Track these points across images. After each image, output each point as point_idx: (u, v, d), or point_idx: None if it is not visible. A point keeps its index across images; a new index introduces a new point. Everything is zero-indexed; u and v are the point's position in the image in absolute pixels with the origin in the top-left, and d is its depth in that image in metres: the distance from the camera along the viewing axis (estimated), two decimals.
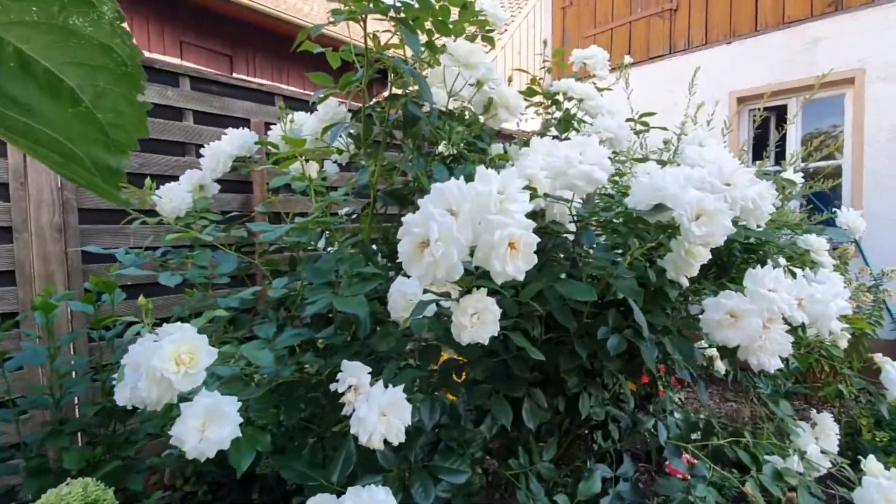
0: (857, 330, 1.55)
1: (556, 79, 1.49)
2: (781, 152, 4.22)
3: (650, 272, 1.09)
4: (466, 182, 0.75)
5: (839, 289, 1.10)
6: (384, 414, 0.81)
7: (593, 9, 5.66)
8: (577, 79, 1.49)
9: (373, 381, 0.93)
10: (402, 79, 1.24)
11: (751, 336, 0.97)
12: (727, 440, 1.38)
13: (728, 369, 1.68)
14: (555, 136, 1.49)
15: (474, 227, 0.71)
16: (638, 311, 1.00)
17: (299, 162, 1.24)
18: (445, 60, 1.18)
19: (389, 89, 1.29)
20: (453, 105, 1.37)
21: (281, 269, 1.46)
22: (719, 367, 1.68)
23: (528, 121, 1.60)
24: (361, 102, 1.24)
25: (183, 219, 1.30)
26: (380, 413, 0.80)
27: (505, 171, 0.76)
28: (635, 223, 1.08)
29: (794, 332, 1.08)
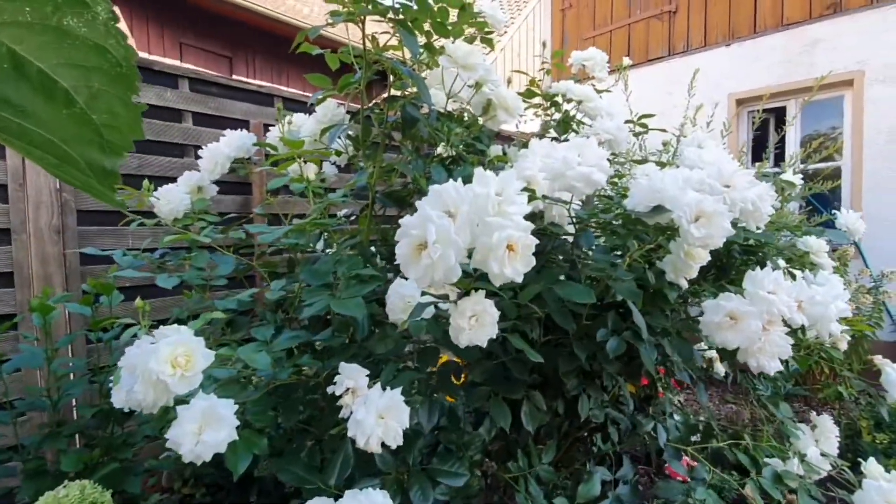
0: (856, 332, 1.55)
1: (556, 80, 1.49)
2: (781, 154, 4.22)
3: (649, 274, 1.09)
4: (465, 184, 0.75)
5: (839, 291, 1.09)
6: (382, 417, 0.81)
7: (592, 11, 5.67)
8: (576, 80, 1.49)
9: (371, 384, 0.92)
10: (400, 80, 1.24)
11: (750, 338, 0.97)
12: (727, 442, 1.38)
13: (727, 371, 1.68)
14: (554, 138, 1.49)
15: (472, 229, 0.71)
16: (637, 312, 1.00)
17: (297, 163, 1.23)
18: (444, 62, 1.18)
19: (388, 91, 1.29)
20: (452, 106, 1.37)
21: (279, 271, 1.45)
22: (719, 369, 1.68)
23: (527, 122, 1.60)
24: (360, 104, 1.24)
25: (181, 220, 1.30)
26: (377, 416, 0.80)
27: (503, 173, 0.76)
28: (634, 225, 1.08)
29: (793, 334, 1.08)
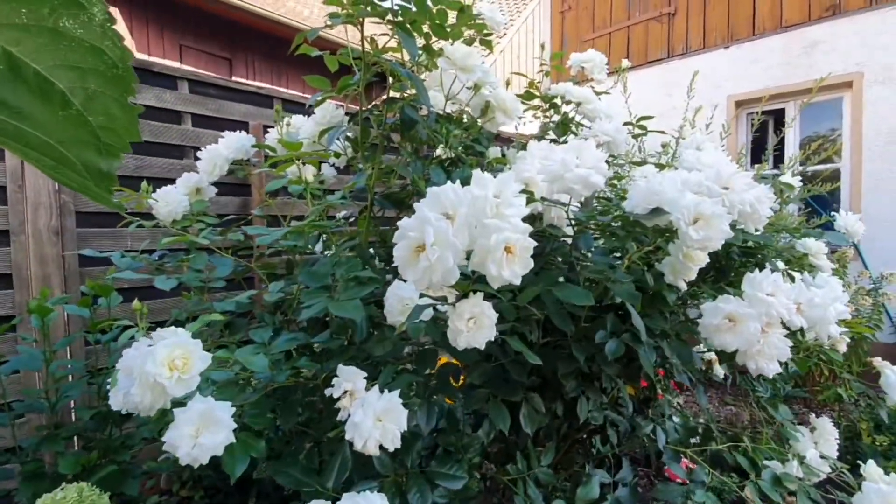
0: (856, 334, 1.55)
1: (555, 82, 1.49)
2: (780, 156, 4.23)
3: (648, 276, 1.09)
4: (463, 186, 0.75)
5: (838, 293, 1.09)
6: (380, 419, 0.80)
7: (592, 13, 5.68)
8: (575, 82, 1.49)
9: (369, 386, 0.92)
10: (399, 82, 1.24)
11: (749, 340, 0.97)
12: (726, 445, 1.37)
13: (727, 373, 1.67)
14: (553, 140, 1.49)
15: (470, 231, 0.71)
16: (636, 315, 1.00)
17: (296, 165, 1.23)
18: (442, 64, 1.18)
19: (387, 92, 1.29)
20: (451, 108, 1.37)
21: (278, 273, 1.45)
22: (718, 371, 1.68)
23: (526, 124, 1.60)
24: (359, 106, 1.24)
25: (179, 222, 1.30)
26: (375, 418, 0.80)
27: (501, 175, 0.76)
28: (633, 227, 1.08)
29: (792, 336, 1.08)
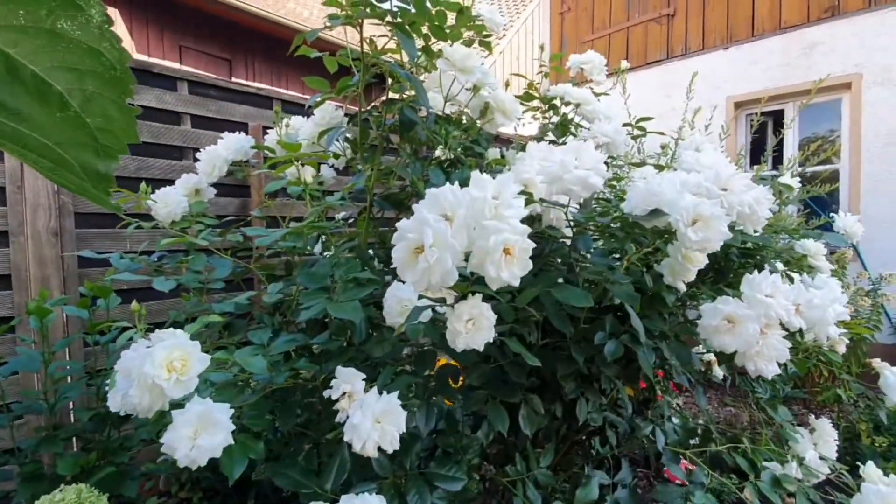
0: (855, 335, 1.55)
1: (554, 83, 1.49)
2: (779, 157, 4.23)
3: (647, 277, 1.09)
4: (462, 187, 0.75)
5: (837, 294, 1.09)
6: (378, 421, 0.80)
7: (591, 14, 5.69)
8: (575, 84, 1.49)
9: (368, 387, 0.92)
10: (398, 83, 1.24)
11: (748, 342, 0.97)
12: (725, 446, 1.37)
13: (726, 374, 1.67)
14: (552, 141, 1.49)
15: (469, 232, 0.71)
16: (635, 316, 1.00)
17: (295, 167, 1.23)
18: (441, 65, 1.18)
19: (386, 94, 1.29)
20: (450, 109, 1.37)
21: (277, 274, 1.45)
22: (717, 372, 1.68)
23: (525, 125, 1.60)
24: (358, 107, 1.24)
25: (178, 223, 1.30)
26: (374, 420, 0.80)
27: (500, 177, 0.76)
28: (632, 228, 1.08)
29: (791, 337, 1.08)
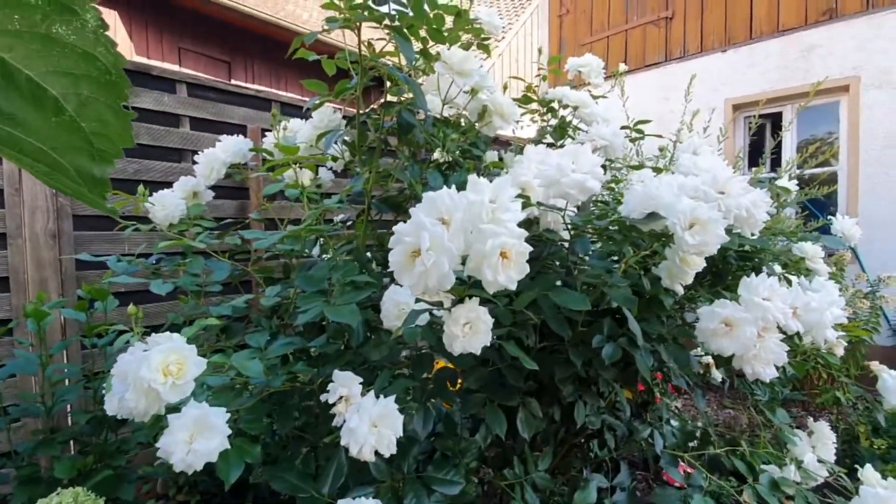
0: (854, 337, 1.55)
1: (553, 86, 1.49)
2: (777, 159, 4.23)
3: (645, 280, 1.09)
4: (460, 190, 0.75)
5: (834, 297, 1.09)
6: (375, 425, 0.80)
7: (590, 17, 5.70)
8: (573, 86, 1.49)
9: (366, 391, 0.92)
10: (397, 86, 1.24)
11: (745, 345, 0.97)
12: (724, 449, 1.37)
13: (724, 377, 1.67)
14: (550, 144, 1.50)
15: (466, 236, 0.71)
16: (632, 319, 1.00)
17: (293, 169, 1.23)
18: (439, 68, 1.18)
19: (385, 96, 1.29)
20: (448, 112, 1.37)
21: (275, 277, 1.45)
22: (716, 375, 1.68)
23: (524, 128, 1.60)
24: (356, 109, 1.24)
25: (176, 226, 1.30)
26: (371, 424, 0.79)
27: (497, 180, 0.76)
28: (629, 231, 1.08)
29: (789, 340, 1.08)
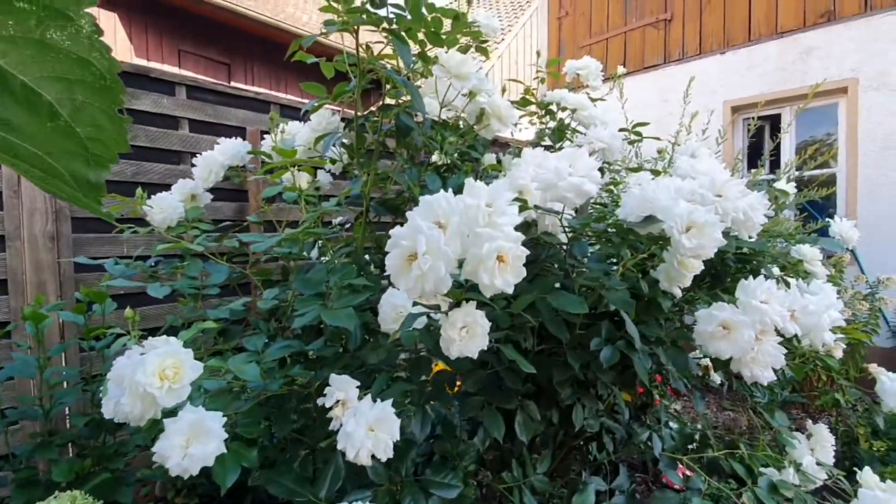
0: (853, 339, 1.55)
1: (551, 89, 1.49)
2: (776, 160, 4.24)
3: (643, 283, 1.09)
4: (457, 194, 0.75)
5: (832, 300, 1.09)
6: (372, 429, 0.80)
7: (589, 19, 5.71)
8: (571, 89, 1.50)
9: (363, 394, 0.92)
10: (395, 89, 1.24)
11: (743, 348, 0.97)
12: (723, 452, 1.37)
13: (724, 379, 1.67)
14: (548, 146, 1.50)
15: (463, 240, 0.71)
16: (630, 322, 1.00)
17: (290, 172, 1.23)
18: (437, 71, 1.18)
19: (383, 99, 1.29)
20: (447, 115, 1.37)
21: (273, 279, 1.45)
22: (715, 377, 1.68)
23: (522, 130, 1.60)
24: (355, 112, 1.24)
25: (174, 228, 1.29)
26: (367, 428, 0.79)
27: (494, 184, 0.76)
28: (627, 234, 1.08)
29: (788, 342, 1.08)
